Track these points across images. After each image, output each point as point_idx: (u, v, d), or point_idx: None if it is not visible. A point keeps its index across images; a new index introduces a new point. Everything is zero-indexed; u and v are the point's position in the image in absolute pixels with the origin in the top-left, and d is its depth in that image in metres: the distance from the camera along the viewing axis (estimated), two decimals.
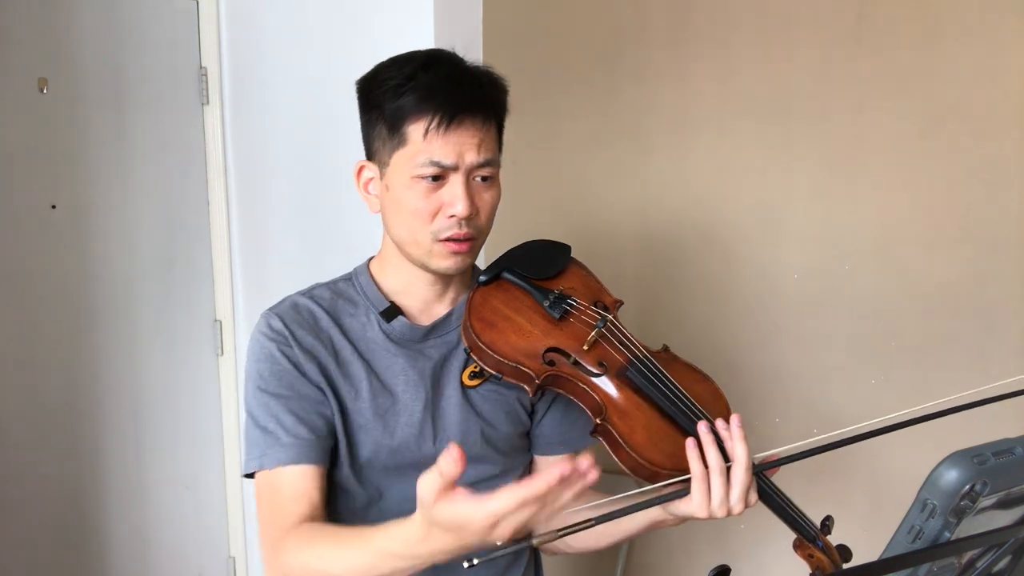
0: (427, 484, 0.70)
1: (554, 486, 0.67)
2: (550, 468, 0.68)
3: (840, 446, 0.82)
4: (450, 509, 0.69)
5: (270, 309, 1.04)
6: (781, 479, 0.93)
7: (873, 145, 1.47)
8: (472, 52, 1.83)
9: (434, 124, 0.93)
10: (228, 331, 2.03)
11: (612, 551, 1.72)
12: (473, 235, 0.98)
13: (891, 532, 0.69)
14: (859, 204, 1.50)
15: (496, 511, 0.68)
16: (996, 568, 0.72)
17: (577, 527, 0.78)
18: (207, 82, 1.95)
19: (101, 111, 1.74)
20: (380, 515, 1.03)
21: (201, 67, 1.95)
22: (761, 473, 0.91)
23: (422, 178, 0.95)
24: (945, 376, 1.45)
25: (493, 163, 0.99)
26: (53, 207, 1.65)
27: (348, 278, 1.09)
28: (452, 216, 0.96)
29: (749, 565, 1.71)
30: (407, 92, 0.94)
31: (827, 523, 0.96)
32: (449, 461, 0.68)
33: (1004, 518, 0.70)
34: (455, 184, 0.95)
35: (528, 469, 1.14)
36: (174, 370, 1.93)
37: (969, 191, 1.40)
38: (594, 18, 1.74)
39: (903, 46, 1.43)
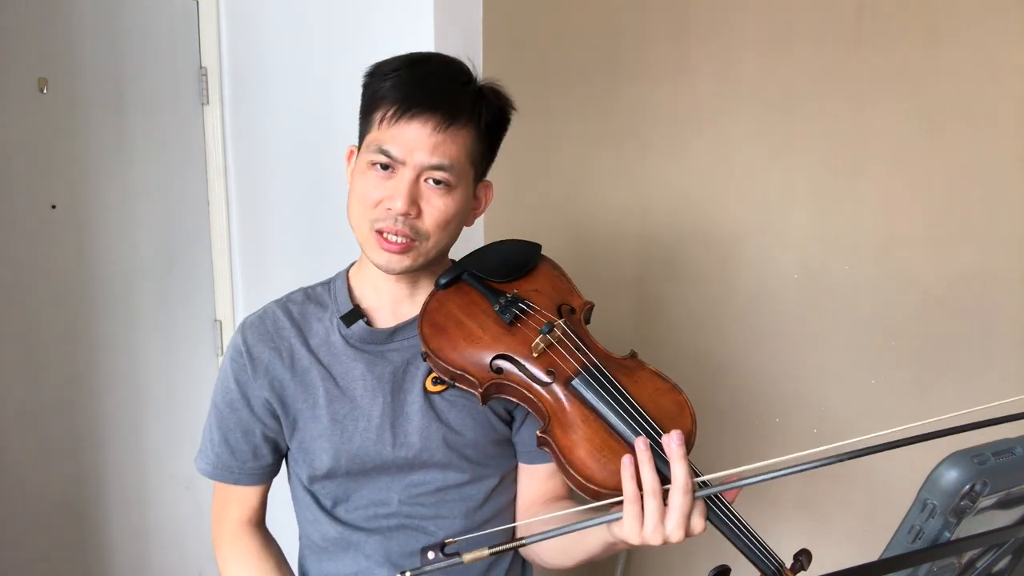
0: None
1: None
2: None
3: (809, 468, 0.75)
4: None
5: (245, 318, 1.08)
6: (777, 480, 0.88)
7: (873, 145, 1.47)
8: (472, 52, 1.84)
9: (389, 113, 0.95)
10: (228, 331, 2.03)
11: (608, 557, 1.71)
12: (411, 236, 0.96)
13: (890, 533, 0.69)
14: (859, 204, 1.49)
15: None
16: (996, 568, 0.72)
17: (507, 547, 0.78)
18: (207, 82, 1.95)
19: (101, 111, 1.74)
20: (347, 514, 1.06)
21: (201, 67, 1.95)
22: (716, 497, 0.82)
23: (372, 165, 0.96)
24: (945, 377, 1.45)
25: (448, 169, 0.95)
26: (53, 207, 1.65)
27: (328, 281, 1.11)
28: (390, 209, 0.95)
29: (749, 566, 1.71)
30: (386, 81, 0.96)
31: (800, 558, 0.83)
32: None
33: (1004, 518, 0.70)
34: (401, 179, 0.95)
35: (512, 477, 1.11)
36: (174, 370, 1.93)
37: (969, 191, 1.40)
38: (594, 18, 1.74)
39: (903, 45, 1.43)
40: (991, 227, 1.39)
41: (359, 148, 1.02)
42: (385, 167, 0.95)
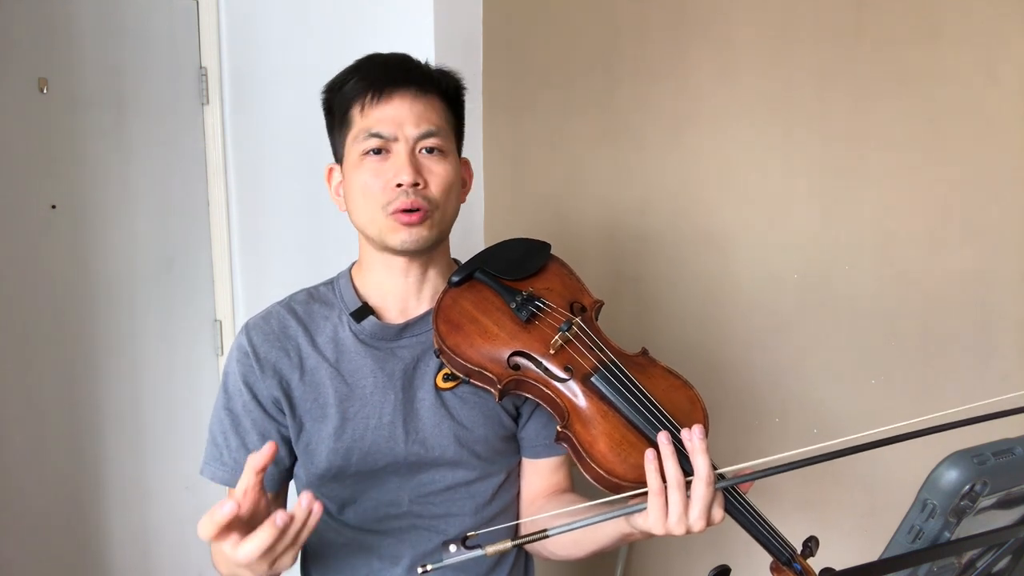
0: (202, 525, 0.75)
1: (280, 531, 0.74)
2: (276, 514, 0.73)
3: (819, 461, 0.77)
4: (220, 547, 0.77)
5: (248, 320, 1.07)
6: (778, 480, 0.90)
7: (873, 145, 1.47)
8: (472, 52, 1.84)
9: (368, 98, 0.99)
10: (228, 331, 2.03)
11: (611, 551, 1.71)
12: (424, 206, 0.98)
13: (890, 533, 0.69)
14: (859, 204, 1.49)
15: (247, 557, 0.75)
16: (996, 568, 0.72)
17: (531, 538, 0.79)
18: (207, 82, 1.95)
19: (101, 111, 1.74)
20: (356, 517, 1.05)
21: (201, 67, 1.95)
22: (731, 488, 0.85)
23: (366, 154, 0.99)
24: (945, 376, 1.45)
25: (436, 134, 1.00)
26: (53, 207, 1.65)
27: (331, 281, 1.11)
28: (398, 186, 0.97)
29: (749, 565, 1.71)
30: (348, 83, 1.01)
31: (809, 544, 0.89)
32: (222, 508, 0.73)
33: (1004, 518, 0.70)
34: (398, 154, 0.98)
35: (516, 473, 1.12)
36: (174, 370, 1.93)
37: (969, 191, 1.40)
38: (594, 17, 1.74)
39: (903, 45, 1.43)
40: (991, 227, 1.39)
41: (340, 159, 1.04)
42: (378, 151, 0.99)
